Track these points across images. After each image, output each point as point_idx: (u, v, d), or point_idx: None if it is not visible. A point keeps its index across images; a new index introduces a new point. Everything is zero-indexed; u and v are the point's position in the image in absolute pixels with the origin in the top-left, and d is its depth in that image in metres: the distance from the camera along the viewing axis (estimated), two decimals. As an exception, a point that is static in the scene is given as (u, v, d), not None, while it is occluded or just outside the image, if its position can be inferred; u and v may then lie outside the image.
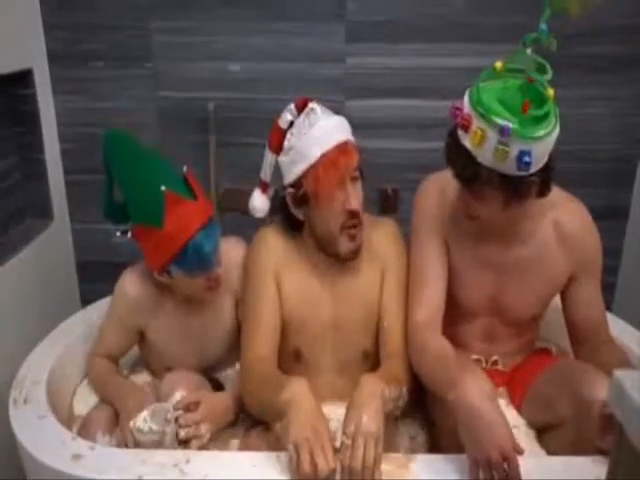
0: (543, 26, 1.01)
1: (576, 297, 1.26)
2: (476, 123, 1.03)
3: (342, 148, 1.16)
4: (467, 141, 1.05)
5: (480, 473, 0.94)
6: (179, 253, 1.17)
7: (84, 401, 1.34)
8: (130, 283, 1.32)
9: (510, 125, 1.00)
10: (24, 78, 1.57)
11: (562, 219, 1.22)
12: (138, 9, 1.63)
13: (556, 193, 1.18)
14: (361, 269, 1.27)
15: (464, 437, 0.97)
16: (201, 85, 1.68)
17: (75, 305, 1.81)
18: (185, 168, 1.22)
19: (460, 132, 1.07)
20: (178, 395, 1.19)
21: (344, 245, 1.21)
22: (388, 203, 1.74)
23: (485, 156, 1.04)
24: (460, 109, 1.06)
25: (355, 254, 1.23)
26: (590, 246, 1.24)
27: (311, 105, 1.20)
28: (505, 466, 0.92)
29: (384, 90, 1.68)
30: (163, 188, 1.15)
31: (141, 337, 1.37)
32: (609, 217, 1.75)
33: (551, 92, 1.03)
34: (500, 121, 1.00)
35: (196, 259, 1.18)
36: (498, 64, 1.05)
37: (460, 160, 1.07)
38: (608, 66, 1.65)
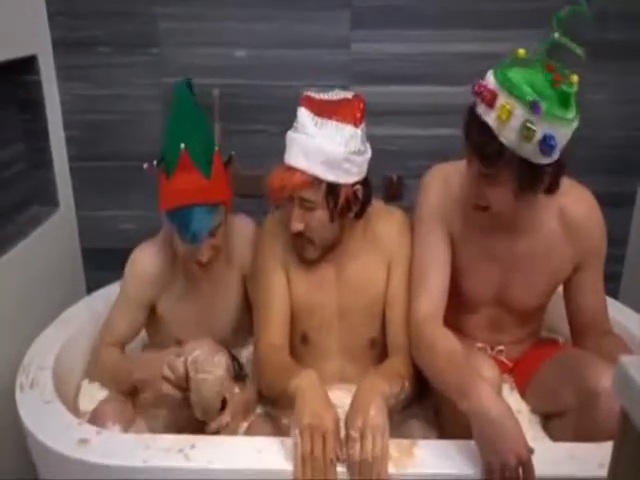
0: None
1: (579, 285, 1.25)
2: (503, 99, 1.00)
3: (286, 172, 1.14)
4: (491, 117, 1.02)
5: (495, 478, 0.94)
6: (171, 213, 1.20)
7: (89, 397, 1.33)
8: (143, 256, 1.33)
9: (541, 103, 0.97)
10: (28, 65, 1.56)
11: (568, 207, 1.20)
12: (143, -5, 1.62)
13: (562, 180, 1.17)
14: (366, 260, 1.27)
15: (479, 444, 0.97)
16: (206, 71, 1.66)
17: (81, 292, 1.81)
18: (217, 147, 1.23)
19: (482, 108, 1.03)
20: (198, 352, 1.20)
21: (299, 252, 1.25)
22: (393, 190, 1.74)
23: (509, 135, 1.00)
24: (484, 85, 1.02)
25: (310, 261, 1.26)
26: (595, 234, 1.23)
27: (298, 108, 1.16)
28: (520, 470, 0.93)
29: (389, 76, 1.66)
30: (182, 146, 1.15)
31: (151, 313, 1.37)
32: (615, 205, 1.73)
33: (575, 78, 1.00)
34: (530, 97, 0.97)
35: (182, 228, 1.19)
36: (521, 51, 1.03)
37: (482, 137, 1.03)
38: (616, 52, 1.63)
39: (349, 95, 1.20)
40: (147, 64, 1.68)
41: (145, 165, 1.22)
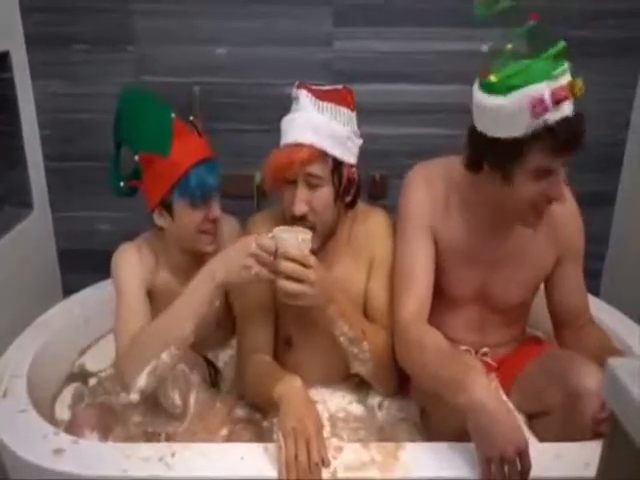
0: None
1: (560, 281, 1.27)
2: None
3: (293, 149, 1.13)
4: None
5: (493, 470, 0.94)
6: (182, 180, 1.19)
7: (67, 406, 1.30)
8: (128, 249, 1.30)
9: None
10: (1, 61, 1.52)
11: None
12: (120, -10, 1.59)
13: None
14: (349, 261, 1.27)
15: (477, 436, 0.97)
16: (186, 69, 1.64)
17: (57, 295, 1.77)
18: (192, 117, 1.29)
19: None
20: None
21: None
22: (376, 190, 1.73)
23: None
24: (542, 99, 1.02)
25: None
26: (575, 231, 1.25)
27: (298, 91, 1.17)
28: (517, 461, 0.93)
29: (372, 74, 1.66)
30: (173, 115, 1.22)
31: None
32: (596, 203, 1.75)
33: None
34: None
35: (199, 186, 1.20)
36: (508, 46, 1.05)
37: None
38: (596, 51, 1.64)
39: (338, 86, 1.24)
40: (125, 61, 1.64)
41: (137, 157, 1.21)
